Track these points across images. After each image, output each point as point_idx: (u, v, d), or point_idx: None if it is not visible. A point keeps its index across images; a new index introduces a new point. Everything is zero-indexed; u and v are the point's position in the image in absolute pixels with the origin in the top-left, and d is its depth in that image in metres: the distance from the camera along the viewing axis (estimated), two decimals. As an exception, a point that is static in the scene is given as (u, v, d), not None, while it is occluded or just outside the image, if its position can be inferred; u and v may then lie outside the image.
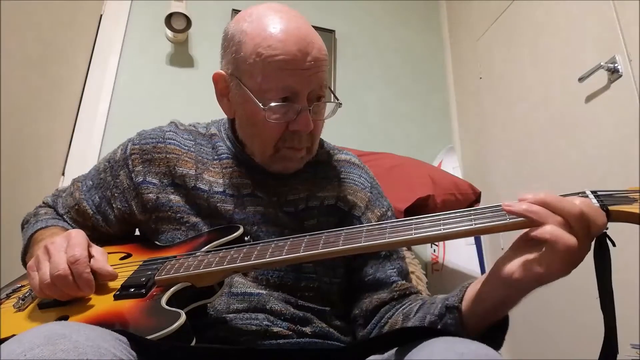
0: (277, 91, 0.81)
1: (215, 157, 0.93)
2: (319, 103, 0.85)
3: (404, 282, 0.90)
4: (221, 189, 0.90)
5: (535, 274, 0.59)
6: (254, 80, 0.82)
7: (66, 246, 0.72)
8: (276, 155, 0.87)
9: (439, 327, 0.73)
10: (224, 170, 0.92)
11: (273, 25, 0.81)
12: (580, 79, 1.63)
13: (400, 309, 0.85)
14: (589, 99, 1.65)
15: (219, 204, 0.88)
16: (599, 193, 0.60)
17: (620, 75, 1.53)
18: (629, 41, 1.51)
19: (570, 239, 0.56)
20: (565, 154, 1.73)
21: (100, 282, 0.72)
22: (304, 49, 0.80)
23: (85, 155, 1.91)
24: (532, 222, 0.58)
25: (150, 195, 0.90)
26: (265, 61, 0.80)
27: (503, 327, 0.70)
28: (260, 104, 0.81)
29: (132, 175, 0.92)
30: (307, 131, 0.84)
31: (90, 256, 0.72)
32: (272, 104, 0.81)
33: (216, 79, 0.89)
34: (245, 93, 0.83)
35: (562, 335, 1.67)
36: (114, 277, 0.73)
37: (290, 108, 0.82)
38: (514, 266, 0.61)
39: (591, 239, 0.58)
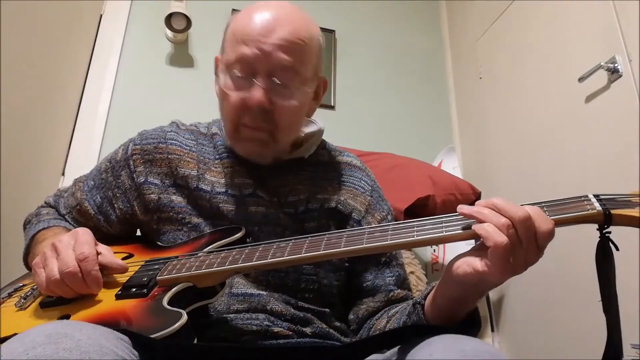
0: (236, 63, 0.83)
1: (217, 156, 0.94)
2: (281, 85, 0.84)
3: (399, 291, 0.91)
4: (223, 190, 0.90)
5: (475, 271, 0.61)
6: (225, 55, 0.87)
7: (74, 244, 0.72)
8: (236, 134, 0.87)
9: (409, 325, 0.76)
10: (225, 170, 0.92)
11: (255, 10, 0.85)
12: (580, 79, 1.63)
13: (386, 312, 0.87)
14: (589, 99, 1.65)
15: (221, 205, 0.88)
16: (601, 197, 0.61)
17: (620, 75, 1.53)
18: (629, 41, 1.51)
19: (500, 237, 0.57)
20: (565, 154, 1.73)
21: (109, 277, 0.73)
22: (271, 27, 0.82)
23: (85, 155, 1.91)
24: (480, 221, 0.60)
25: (152, 195, 0.90)
26: (231, 33, 0.86)
27: (474, 322, 0.71)
28: (220, 74, 0.86)
29: (134, 175, 0.92)
30: (255, 104, 0.82)
31: (97, 253, 0.72)
32: (230, 73, 0.85)
33: (215, 62, 0.94)
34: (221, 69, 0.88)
35: (564, 336, 1.67)
36: (124, 269, 0.74)
37: (247, 82, 0.83)
38: (460, 262, 0.64)
39: (539, 245, 0.59)
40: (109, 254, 0.74)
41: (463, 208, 0.62)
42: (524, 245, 0.58)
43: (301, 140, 1.01)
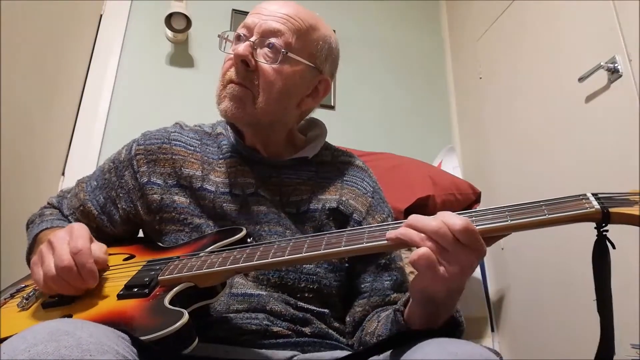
0: (241, 28, 0.91)
1: (221, 156, 0.94)
2: (268, 48, 0.88)
3: (396, 295, 0.91)
4: (227, 190, 0.90)
5: (418, 288, 0.66)
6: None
7: (69, 238, 0.72)
8: (222, 92, 0.90)
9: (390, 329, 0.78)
10: (229, 170, 0.92)
11: None
12: (580, 79, 1.63)
13: (377, 314, 0.88)
14: (589, 99, 1.65)
15: (224, 205, 0.89)
16: (600, 195, 0.61)
17: (620, 75, 1.53)
18: (629, 41, 1.52)
19: (419, 252, 0.60)
20: (565, 154, 1.74)
21: (109, 277, 0.74)
22: (277, 4, 0.91)
23: (85, 155, 1.91)
24: (406, 244, 0.63)
25: (154, 196, 0.90)
26: None
27: (450, 329, 0.72)
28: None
29: (137, 175, 0.92)
30: (239, 55, 0.86)
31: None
32: (228, 34, 0.94)
33: None
34: None
35: (563, 336, 1.67)
36: (104, 262, 0.75)
37: (240, 42, 0.90)
38: (412, 283, 0.68)
39: (467, 246, 0.61)
40: (99, 251, 0.75)
41: (390, 233, 0.65)
42: (451, 250, 0.60)
43: (305, 141, 1.02)
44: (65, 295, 0.72)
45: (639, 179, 1.36)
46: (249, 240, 0.81)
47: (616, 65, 1.54)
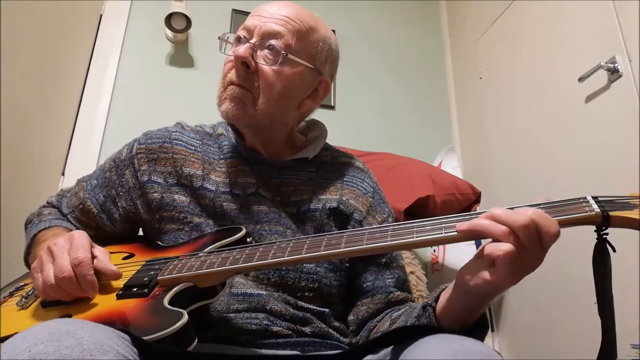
0: (241, 30, 0.92)
1: (221, 156, 0.95)
2: (268, 50, 0.88)
3: (399, 293, 0.91)
4: (227, 189, 0.91)
5: (486, 281, 0.62)
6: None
7: (69, 248, 0.72)
8: (223, 94, 0.90)
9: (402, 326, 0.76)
10: (229, 170, 0.93)
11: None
12: (580, 79, 1.63)
13: (389, 314, 0.87)
14: (589, 99, 1.65)
15: (224, 204, 0.89)
16: (600, 199, 0.61)
17: (620, 75, 1.53)
18: (629, 41, 1.51)
19: (507, 247, 0.58)
20: (565, 154, 1.74)
21: (104, 281, 0.73)
22: (276, 5, 0.92)
23: (85, 155, 1.91)
24: (480, 235, 0.61)
25: (155, 194, 0.91)
26: None
27: (481, 325, 0.71)
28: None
29: (138, 174, 0.93)
30: (239, 57, 0.87)
31: (93, 257, 0.72)
32: (228, 36, 0.95)
33: None
34: None
35: (563, 336, 1.67)
36: (118, 276, 0.73)
37: (240, 44, 0.90)
38: (469, 274, 0.64)
39: (543, 247, 0.60)
40: (105, 258, 0.74)
41: (462, 225, 0.62)
42: (529, 249, 0.59)
43: (305, 142, 1.02)
44: None
45: (639, 179, 1.36)
46: (248, 239, 0.81)
47: (616, 65, 1.54)
